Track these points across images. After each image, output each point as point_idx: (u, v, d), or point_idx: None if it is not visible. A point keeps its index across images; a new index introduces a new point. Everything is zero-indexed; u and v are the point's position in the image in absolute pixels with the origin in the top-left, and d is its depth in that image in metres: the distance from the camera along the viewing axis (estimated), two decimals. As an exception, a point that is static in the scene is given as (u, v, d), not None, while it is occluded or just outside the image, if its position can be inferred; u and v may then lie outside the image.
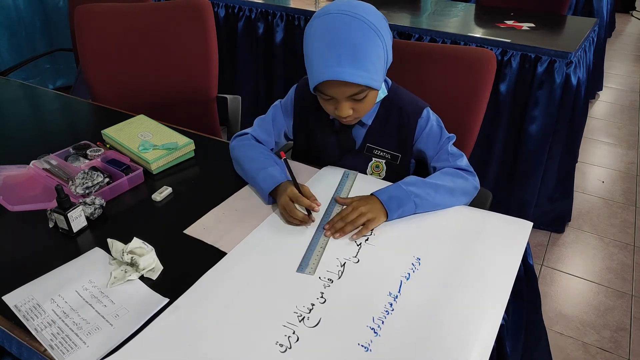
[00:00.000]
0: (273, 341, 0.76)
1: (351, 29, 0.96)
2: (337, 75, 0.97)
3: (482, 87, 1.30)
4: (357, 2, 1.01)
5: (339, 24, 0.97)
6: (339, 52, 0.96)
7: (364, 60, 0.97)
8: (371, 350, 0.74)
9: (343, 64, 0.96)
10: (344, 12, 0.97)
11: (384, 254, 0.94)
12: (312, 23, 1.01)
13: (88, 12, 1.70)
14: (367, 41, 0.97)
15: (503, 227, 1.01)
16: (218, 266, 0.91)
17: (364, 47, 0.97)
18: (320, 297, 0.84)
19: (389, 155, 1.19)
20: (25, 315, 0.81)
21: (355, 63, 0.97)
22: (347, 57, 0.96)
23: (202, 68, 1.81)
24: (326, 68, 0.97)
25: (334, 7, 0.99)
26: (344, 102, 1.02)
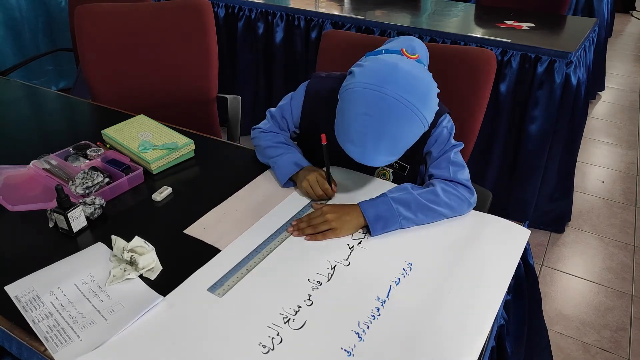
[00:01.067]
0: (256, 342, 0.76)
1: (400, 122, 0.91)
2: (372, 163, 0.96)
3: (482, 87, 1.30)
4: (416, 79, 0.93)
5: (392, 113, 0.90)
6: (379, 143, 0.93)
7: (402, 148, 0.96)
8: (354, 355, 0.74)
9: (379, 153, 0.94)
10: (401, 99, 0.90)
11: (375, 258, 0.94)
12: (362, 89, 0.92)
13: (88, 12, 1.70)
14: (413, 133, 0.94)
15: (500, 234, 1.00)
16: (210, 263, 0.91)
17: (407, 138, 0.95)
18: (307, 300, 0.84)
19: (397, 165, 1.17)
20: (25, 306, 0.82)
21: (391, 152, 0.95)
22: (385, 148, 0.94)
23: (202, 68, 1.81)
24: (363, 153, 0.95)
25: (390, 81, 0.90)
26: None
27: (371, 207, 0.99)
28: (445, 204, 1.02)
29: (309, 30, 2.47)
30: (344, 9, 2.51)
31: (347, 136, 0.96)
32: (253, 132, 1.27)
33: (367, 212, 0.99)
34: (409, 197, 1.00)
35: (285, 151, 1.17)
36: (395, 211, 0.98)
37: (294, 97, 1.22)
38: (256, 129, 1.27)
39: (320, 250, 0.95)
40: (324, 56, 1.50)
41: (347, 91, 0.95)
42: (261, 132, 1.24)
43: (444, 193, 1.02)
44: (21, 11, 3.02)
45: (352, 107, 0.94)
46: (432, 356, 0.74)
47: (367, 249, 0.96)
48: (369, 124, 0.92)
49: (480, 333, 0.78)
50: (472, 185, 1.08)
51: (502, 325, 0.90)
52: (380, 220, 0.98)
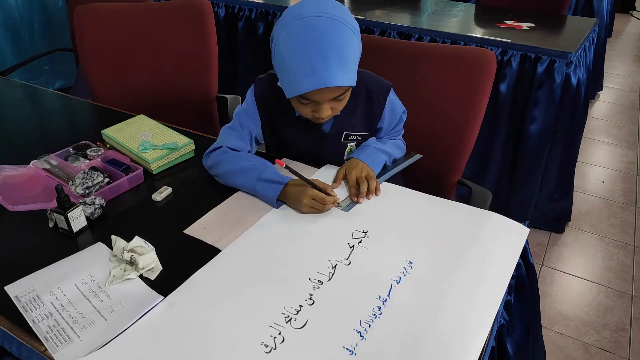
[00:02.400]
0: (258, 341, 0.76)
1: (334, 32, 0.95)
2: (327, 82, 0.95)
3: (482, 87, 1.30)
4: (325, 1, 0.99)
5: (322, 29, 0.94)
6: (327, 57, 0.94)
7: (350, 61, 0.98)
8: (356, 353, 0.74)
9: (333, 69, 0.94)
10: (321, 14, 0.95)
11: (376, 257, 0.93)
12: (286, 29, 0.97)
13: (88, 12, 1.70)
14: (349, 42, 0.97)
15: (499, 232, 1.00)
16: (211, 264, 0.91)
17: (348, 49, 0.97)
18: (308, 299, 0.84)
19: (360, 137, 1.22)
20: (25, 306, 0.82)
21: (344, 65, 0.96)
22: (336, 63, 0.95)
23: (202, 68, 1.81)
24: (315, 76, 0.95)
25: (307, 10, 0.96)
26: (326, 104, 1.02)
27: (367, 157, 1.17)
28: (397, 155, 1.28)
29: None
30: (344, 9, 2.51)
31: (296, 74, 0.96)
32: (207, 159, 1.17)
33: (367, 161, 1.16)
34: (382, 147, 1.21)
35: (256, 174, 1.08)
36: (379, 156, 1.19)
37: (244, 105, 1.20)
38: (209, 154, 1.17)
39: (321, 250, 0.95)
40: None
41: (276, 44, 0.99)
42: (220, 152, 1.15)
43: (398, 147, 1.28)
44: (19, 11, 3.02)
45: (286, 50, 0.97)
46: (433, 355, 0.74)
47: (367, 248, 0.96)
48: (307, 48, 0.94)
49: (481, 331, 0.78)
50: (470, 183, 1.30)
51: (502, 325, 0.90)
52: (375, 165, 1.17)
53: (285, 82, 1.01)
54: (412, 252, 0.94)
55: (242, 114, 1.20)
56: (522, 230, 1.00)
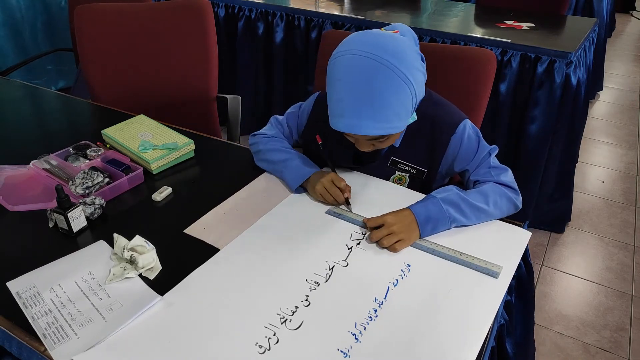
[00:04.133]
0: (253, 342, 0.76)
1: (373, 77, 0.87)
2: (354, 129, 0.91)
3: (482, 87, 1.30)
4: (383, 36, 0.91)
5: (360, 70, 0.88)
6: (358, 105, 0.89)
7: (386, 112, 0.90)
8: (350, 356, 0.74)
9: (362, 117, 0.89)
10: (367, 54, 0.88)
11: (373, 259, 0.93)
12: (335, 58, 0.93)
13: (88, 12, 1.70)
14: (390, 91, 0.89)
15: (500, 236, 0.99)
16: (208, 263, 0.91)
17: (386, 99, 0.89)
18: (305, 300, 0.84)
19: (414, 170, 1.12)
20: (25, 302, 0.83)
21: (374, 117, 0.90)
22: (366, 111, 0.89)
23: (202, 68, 1.81)
24: (344, 119, 0.91)
25: (358, 43, 0.90)
26: (364, 141, 0.99)
27: (422, 209, 0.97)
28: (494, 205, 1.00)
29: (309, 30, 2.47)
30: (344, 9, 2.51)
31: (331, 111, 0.95)
32: (253, 137, 1.24)
33: (419, 215, 0.96)
34: (458, 198, 0.98)
35: (293, 156, 1.14)
36: (445, 212, 0.96)
37: (303, 105, 1.22)
38: (257, 134, 1.24)
39: (318, 251, 0.95)
40: (324, 56, 1.50)
41: (327, 70, 0.96)
42: (264, 136, 1.21)
43: (492, 194, 1.01)
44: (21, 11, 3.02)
45: (329, 79, 0.94)
46: (430, 358, 0.74)
47: (365, 250, 0.95)
48: (342, 89, 0.90)
49: (478, 334, 0.78)
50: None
51: (502, 325, 0.90)
52: (430, 222, 0.96)
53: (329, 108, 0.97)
54: (410, 255, 0.94)
55: (295, 111, 1.22)
56: (523, 234, 1.00)
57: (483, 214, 1.00)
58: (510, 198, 1.02)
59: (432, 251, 0.95)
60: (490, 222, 1.03)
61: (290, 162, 1.13)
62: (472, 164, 1.07)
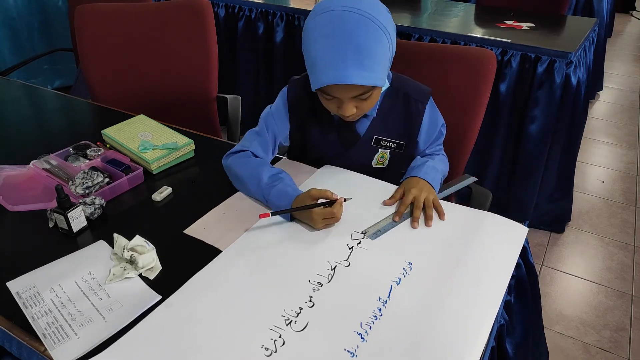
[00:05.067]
0: (259, 345, 0.76)
1: (356, 28, 0.92)
2: (342, 79, 0.94)
3: (482, 87, 1.30)
4: None
5: (343, 23, 0.92)
6: (344, 54, 0.92)
7: (371, 60, 0.94)
8: (357, 355, 0.74)
9: (349, 66, 0.93)
10: (348, 8, 0.93)
11: (375, 258, 0.93)
12: (313, 21, 0.97)
13: (88, 12, 1.70)
14: (373, 40, 0.94)
15: (498, 232, 1.00)
16: (211, 265, 0.91)
17: (371, 47, 0.93)
18: (308, 301, 0.84)
19: (394, 144, 1.17)
20: (25, 302, 0.83)
21: (361, 65, 0.93)
22: (353, 59, 0.92)
23: (202, 68, 1.81)
24: (331, 71, 0.94)
25: (337, 3, 0.94)
26: (348, 101, 1.00)
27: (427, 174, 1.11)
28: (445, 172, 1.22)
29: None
30: (344, 9, 2.51)
31: (316, 67, 0.96)
32: (227, 159, 1.14)
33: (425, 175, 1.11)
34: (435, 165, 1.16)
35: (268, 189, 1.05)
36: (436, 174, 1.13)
37: (274, 106, 1.18)
38: (231, 154, 1.15)
39: (320, 251, 0.95)
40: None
41: (303, 35, 0.99)
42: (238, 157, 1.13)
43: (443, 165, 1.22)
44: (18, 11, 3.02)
45: (310, 38, 0.97)
46: (434, 355, 0.74)
47: (366, 249, 0.96)
48: (327, 41, 0.93)
49: (481, 332, 0.78)
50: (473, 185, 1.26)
51: (502, 325, 0.90)
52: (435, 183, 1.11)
53: (309, 73, 1.01)
54: (411, 253, 0.94)
55: (270, 116, 1.17)
56: (521, 230, 1.00)
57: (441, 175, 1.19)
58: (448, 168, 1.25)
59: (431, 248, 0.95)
60: (487, 218, 1.03)
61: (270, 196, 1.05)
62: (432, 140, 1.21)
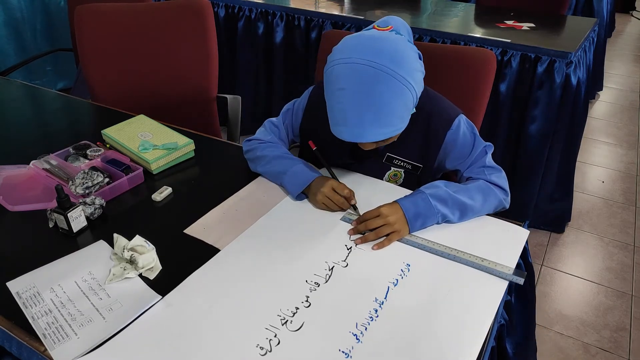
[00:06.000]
0: (254, 344, 0.76)
1: (375, 86, 0.88)
2: (358, 137, 0.92)
3: (482, 87, 1.30)
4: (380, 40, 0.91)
5: (362, 79, 0.88)
6: (360, 113, 0.89)
7: (389, 117, 0.91)
8: (351, 356, 0.74)
9: (365, 125, 0.90)
10: (368, 62, 0.88)
11: (373, 259, 0.93)
12: (333, 65, 0.92)
13: (88, 12, 1.70)
14: (393, 97, 0.89)
15: (498, 235, 0.99)
16: (208, 264, 0.91)
17: (390, 104, 0.90)
18: (305, 301, 0.84)
19: (409, 165, 1.13)
20: (25, 302, 0.83)
21: (378, 123, 0.90)
22: (370, 118, 0.90)
23: (202, 68, 1.81)
24: (347, 128, 0.92)
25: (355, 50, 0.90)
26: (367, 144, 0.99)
27: (411, 205, 0.97)
28: (481, 203, 1.01)
29: (309, 30, 2.47)
30: (344, 9, 2.51)
31: (332, 118, 0.95)
32: (247, 143, 1.19)
33: (407, 211, 0.97)
34: (446, 195, 0.99)
35: (292, 163, 1.11)
36: (433, 208, 0.97)
37: (297, 102, 1.21)
38: (252, 139, 1.19)
39: (318, 251, 0.95)
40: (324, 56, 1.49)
41: (324, 75, 0.96)
42: (259, 142, 1.17)
43: (480, 191, 1.02)
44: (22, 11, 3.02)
45: (328, 87, 0.94)
46: (430, 357, 0.74)
47: (364, 250, 0.95)
48: (345, 98, 0.90)
49: (478, 334, 0.78)
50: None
51: (502, 325, 0.90)
52: (419, 218, 0.97)
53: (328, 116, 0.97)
54: (409, 255, 0.94)
55: (290, 108, 1.20)
56: (522, 232, 1.00)
57: (471, 211, 1.01)
58: (497, 197, 1.04)
59: (431, 249, 0.95)
60: (488, 221, 1.03)
61: (289, 169, 1.09)
62: (466, 162, 1.08)
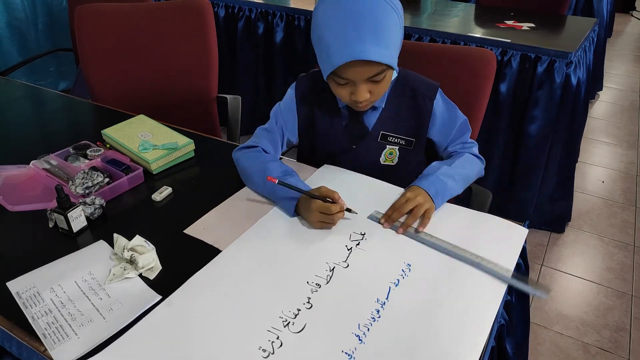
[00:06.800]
0: (256, 346, 0.75)
1: (370, 6, 0.93)
2: (360, 54, 0.93)
3: (482, 87, 1.30)
4: None
5: (356, 2, 0.93)
6: (361, 30, 0.92)
7: (386, 37, 0.95)
8: (355, 357, 0.74)
9: (366, 41, 0.92)
10: None
11: (374, 259, 0.93)
12: (323, 5, 0.98)
13: (88, 12, 1.70)
14: (387, 17, 0.94)
15: (498, 233, 0.99)
16: (210, 265, 0.91)
17: (386, 24, 0.94)
18: (306, 303, 0.83)
19: (403, 140, 1.16)
20: (25, 302, 0.83)
21: (378, 41, 0.93)
22: (370, 35, 0.92)
23: (202, 68, 1.81)
24: (347, 48, 0.93)
25: None
26: (362, 84, 0.99)
27: (429, 184, 1.05)
28: (473, 173, 1.15)
29: (309, 30, 2.47)
30: (344, 9, 2.51)
31: (330, 48, 0.96)
32: (237, 153, 1.17)
33: (428, 188, 1.03)
34: (450, 171, 1.08)
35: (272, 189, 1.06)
36: (446, 184, 1.05)
37: (282, 102, 1.19)
38: (241, 149, 1.17)
39: (319, 252, 0.95)
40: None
41: (313, 19, 1.00)
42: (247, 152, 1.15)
43: (469, 163, 1.15)
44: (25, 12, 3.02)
45: (322, 22, 0.97)
46: (432, 357, 0.74)
47: (365, 251, 0.95)
48: (341, 21, 0.93)
49: (480, 333, 0.78)
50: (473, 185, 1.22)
51: (502, 325, 0.90)
52: (439, 195, 1.04)
53: (321, 59, 1.00)
54: (410, 255, 0.94)
55: (278, 113, 1.19)
56: (520, 231, 1.00)
57: (465, 181, 1.12)
58: (480, 166, 1.18)
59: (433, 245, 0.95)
60: (487, 220, 1.03)
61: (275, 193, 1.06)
62: (450, 134, 1.17)
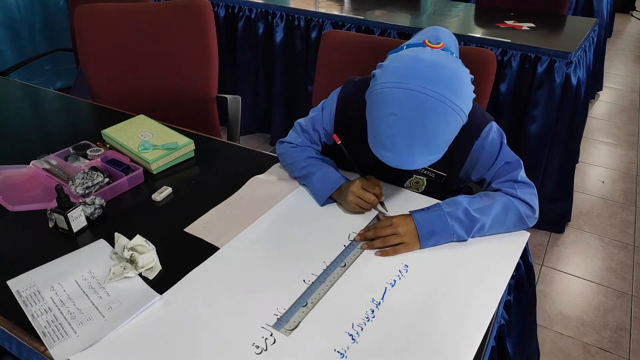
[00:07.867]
0: (249, 342, 0.76)
1: (430, 116, 0.85)
2: (406, 165, 0.89)
3: (482, 87, 1.30)
4: (440, 66, 0.87)
5: (417, 108, 0.85)
6: (412, 141, 0.86)
7: (440, 145, 0.89)
8: (347, 357, 0.74)
9: (416, 154, 0.87)
10: (424, 89, 0.84)
11: (371, 260, 0.93)
12: (388, 85, 0.87)
13: (88, 12, 1.70)
14: (446, 126, 0.87)
15: (499, 236, 0.99)
16: (206, 263, 0.91)
17: (442, 134, 0.87)
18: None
19: (433, 174, 1.09)
20: (25, 300, 0.83)
21: (429, 151, 0.88)
22: (421, 147, 0.87)
23: (202, 68, 1.81)
24: (395, 155, 0.88)
25: (413, 76, 0.85)
26: None
27: (426, 222, 0.95)
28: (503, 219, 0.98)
29: (309, 30, 2.47)
30: (344, 9, 2.51)
31: (379, 142, 0.90)
32: (280, 146, 1.20)
33: (421, 226, 0.94)
34: (465, 215, 0.95)
35: (319, 168, 1.08)
36: (450, 228, 0.94)
37: (325, 106, 1.15)
38: (284, 142, 1.19)
39: (316, 251, 0.95)
40: (324, 56, 1.50)
41: (371, 95, 0.91)
42: (291, 146, 1.17)
43: (504, 211, 0.98)
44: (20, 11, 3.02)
45: (378, 110, 0.89)
46: (426, 358, 0.74)
47: (363, 251, 0.95)
48: (397, 125, 0.86)
49: (476, 335, 0.78)
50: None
51: (502, 325, 0.90)
52: (433, 237, 0.94)
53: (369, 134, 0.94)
54: (407, 255, 0.94)
55: (318, 113, 1.15)
56: (522, 234, 1.00)
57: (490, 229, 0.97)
58: (520, 215, 0.98)
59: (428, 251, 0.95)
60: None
61: (315, 175, 1.08)
62: (489, 172, 1.04)
